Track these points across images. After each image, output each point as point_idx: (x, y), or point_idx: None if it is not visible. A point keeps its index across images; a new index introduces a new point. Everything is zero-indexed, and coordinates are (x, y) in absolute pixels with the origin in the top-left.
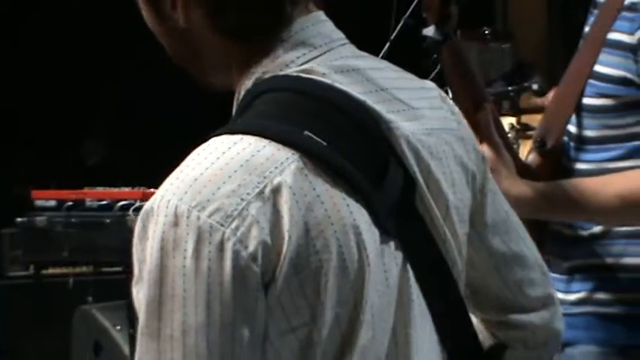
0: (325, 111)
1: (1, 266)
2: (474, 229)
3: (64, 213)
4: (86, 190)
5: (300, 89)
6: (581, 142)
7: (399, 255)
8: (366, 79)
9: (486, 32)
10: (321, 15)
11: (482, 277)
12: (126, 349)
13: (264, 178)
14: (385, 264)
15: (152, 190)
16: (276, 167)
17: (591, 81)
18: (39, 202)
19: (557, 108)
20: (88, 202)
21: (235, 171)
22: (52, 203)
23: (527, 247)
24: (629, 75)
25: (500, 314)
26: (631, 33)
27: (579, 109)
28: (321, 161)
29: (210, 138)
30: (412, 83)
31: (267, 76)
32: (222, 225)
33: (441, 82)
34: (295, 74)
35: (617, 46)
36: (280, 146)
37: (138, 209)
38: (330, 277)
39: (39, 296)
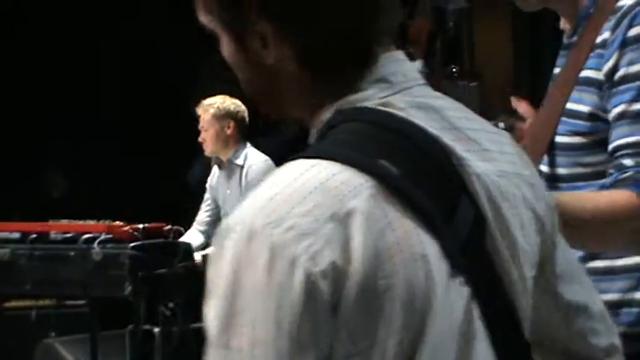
0: (400, 143)
1: None
2: (543, 277)
3: (27, 245)
4: (51, 222)
5: (376, 121)
6: (553, 180)
7: (466, 291)
8: (440, 116)
9: (454, 70)
10: (400, 54)
11: (549, 324)
12: None
13: (338, 201)
14: (451, 298)
15: (117, 223)
16: (350, 191)
17: (564, 119)
18: (2, 234)
19: (531, 147)
20: (53, 235)
21: (310, 192)
22: (16, 235)
23: (590, 297)
24: (594, 110)
25: None
26: (598, 69)
27: (552, 147)
28: (394, 190)
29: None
30: (484, 126)
31: (346, 107)
32: (295, 242)
33: None
34: (373, 106)
35: (587, 82)
36: (355, 172)
37: (102, 242)
38: (397, 302)
39: (1, 329)
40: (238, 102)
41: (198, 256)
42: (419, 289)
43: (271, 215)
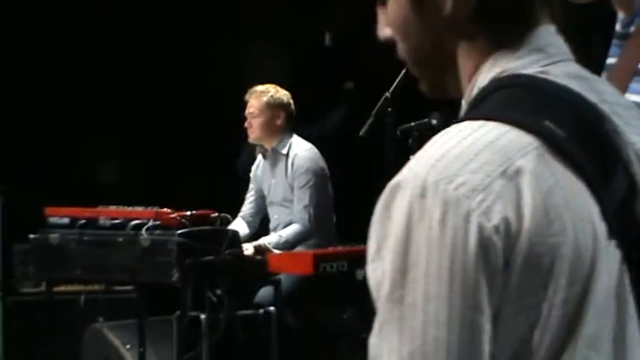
0: (561, 107)
1: (13, 282)
2: None
3: (77, 230)
4: (99, 208)
5: (536, 86)
6: None
7: (618, 254)
8: (592, 88)
9: None
10: (554, 28)
11: None
12: None
13: (508, 159)
14: (609, 259)
15: (165, 209)
16: (519, 150)
17: None
18: (52, 219)
19: None
20: (101, 221)
21: (480, 150)
22: (66, 220)
23: None
24: None
25: None
26: None
27: None
28: (559, 150)
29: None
30: (629, 104)
31: (504, 75)
32: (467, 197)
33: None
34: (532, 74)
35: None
36: (521, 132)
37: (150, 229)
38: (565, 260)
39: (50, 313)
40: (288, 93)
41: (249, 247)
42: (585, 248)
43: (443, 172)
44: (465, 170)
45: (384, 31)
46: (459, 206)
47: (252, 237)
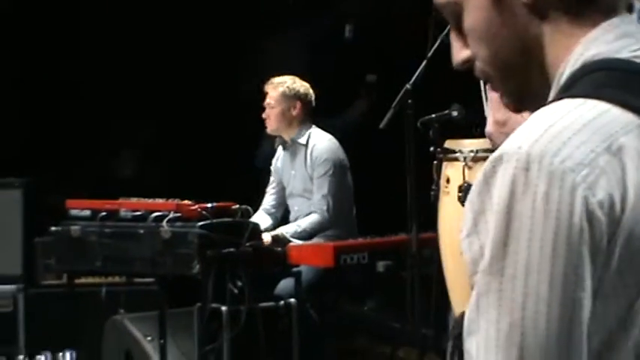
0: None
1: (34, 274)
2: None
3: (98, 223)
4: (120, 200)
5: (634, 69)
6: None
7: None
8: None
9: None
10: (634, 16)
11: None
12: (156, 359)
13: (611, 135)
14: None
15: (186, 201)
16: (622, 128)
17: None
18: (73, 212)
19: None
20: (122, 213)
21: (583, 126)
22: (87, 213)
23: None
24: None
25: None
26: None
27: None
28: None
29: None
30: None
31: (596, 58)
32: (573, 171)
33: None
34: (627, 58)
35: None
36: (622, 110)
37: (171, 221)
38: None
39: (71, 305)
40: (307, 84)
41: (267, 237)
42: None
43: (548, 146)
44: (569, 144)
45: (461, 53)
46: (564, 179)
47: (274, 229)
